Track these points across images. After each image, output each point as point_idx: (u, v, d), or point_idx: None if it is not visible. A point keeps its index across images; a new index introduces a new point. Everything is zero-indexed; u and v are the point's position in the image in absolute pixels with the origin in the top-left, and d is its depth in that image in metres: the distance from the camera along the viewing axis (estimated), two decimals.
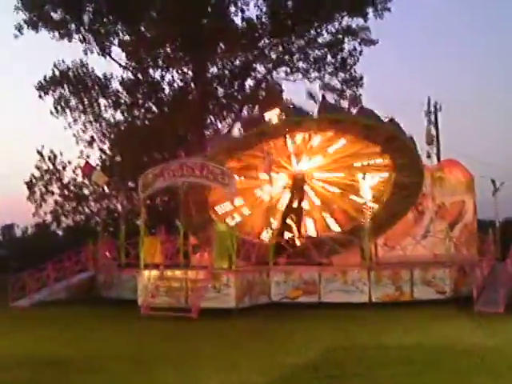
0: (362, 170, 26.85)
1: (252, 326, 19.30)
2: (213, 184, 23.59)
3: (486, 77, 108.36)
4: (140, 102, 43.19)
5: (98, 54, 42.13)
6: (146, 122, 43.03)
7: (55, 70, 42.00)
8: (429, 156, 30.11)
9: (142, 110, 43.41)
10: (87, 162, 33.43)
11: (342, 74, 44.10)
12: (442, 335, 16.71)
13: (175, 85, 43.57)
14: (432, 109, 47.44)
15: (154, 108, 43.33)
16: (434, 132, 44.57)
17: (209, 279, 21.76)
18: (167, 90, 43.51)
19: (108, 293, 26.48)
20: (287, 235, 27.69)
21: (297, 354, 14.08)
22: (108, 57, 42.39)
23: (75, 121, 42.53)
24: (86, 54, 41.91)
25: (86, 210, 42.40)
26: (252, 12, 54.85)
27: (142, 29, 42.23)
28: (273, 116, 25.79)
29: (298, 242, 27.90)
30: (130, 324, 19.94)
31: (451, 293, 23.64)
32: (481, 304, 21.55)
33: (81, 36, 41.54)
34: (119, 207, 38.24)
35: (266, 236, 27.42)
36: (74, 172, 42.12)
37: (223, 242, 22.52)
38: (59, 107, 42.07)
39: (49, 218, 42.69)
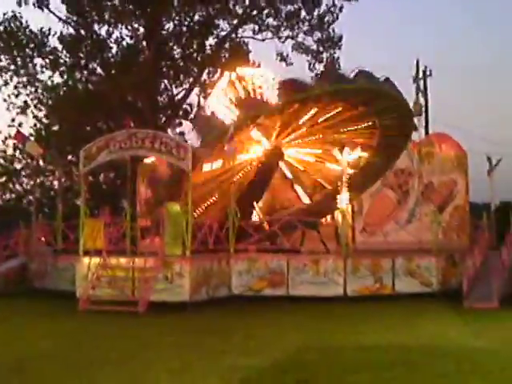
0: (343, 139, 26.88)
1: (209, 322, 19.12)
2: (166, 158, 23.33)
3: (482, 38, 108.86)
4: (82, 62, 42.77)
5: (34, 6, 41.46)
6: (90, 86, 42.68)
7: None
8: (416, 129, 29.98)
9: (85, 72, 43.03)
10: (18, 131, 32.93)
11: (318, 34, 44.03)
12: (427, 334, 16.72)
13: (124, 43, 43.41)
14: (420, 74, 47.41)
15: (99, 70, 42.97)
16: (422, 101, 44.63)
17: (159, 268, 21.48)
18: (114, 49, 43.32)
19: (42, 283, 26.07)
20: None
21: (261, 354, 13.94)
22: (45, 9, 41.72)
23: (6, 83, 42.13)
24: (19, 5, 41.22)
25: (18, 187, 41.99)
26: None
27: None
28: (224, 85, 25.87)
29: (265, 226, 27.78)
30: (67, 320, 19.61)
31: (438, 285, 23.74)
32: (472, 298, 21.66)
33: None
34: (56, 184, 37.89)
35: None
36: (3, 143, 41.75)
37: (176, 225, 22.29)
38: None
39: None
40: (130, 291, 21.66)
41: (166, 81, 43.54)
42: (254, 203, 28.44)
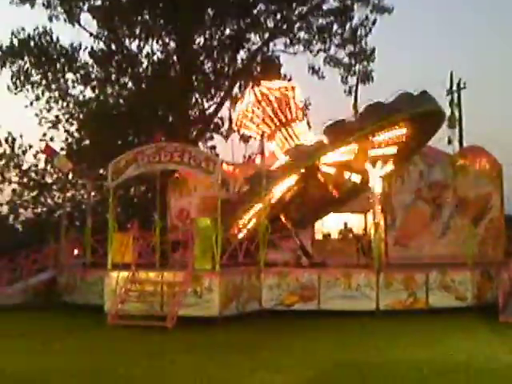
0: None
1: (239, 337, 18.78)
2: (195, 171, 23.16)
3: None
4: (113, 77, 42.75)
5: (65, 21, 41.93)
6: (121, 101, 42.64)
7: (14, 38, 41.51)
8: (450, 142, 29.59)
9: (116, 87, 42.95)
10: (47, 145, 33.00)
11: (350, 47, 43.76)
12: (461, 350, 16.27)
13: (155, 58, 43.25)
14: (454, 87, 47.06)
15: (130, 84, 42.94)
16: (456, 114, 44.23)
17: (188, 282, 21.19)
18: (145, 64, 43.17)
19: (71, 297, 25.97)
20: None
21: (292, 371, 13.71)
22: (76, 24, 42.04)
23: (37, 98, 42.11)
24: (50, 20, 41.69)
25: (49, 200, 41.97)
26: None
27: None
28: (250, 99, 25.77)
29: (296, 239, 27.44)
30: (94, 334, 19.45)
31: (473, 300, 23.21)
32: (508, 312, 21.19)
33: (44, 0, 41.11)
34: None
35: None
36: (35, 157, 41.72)
37: (206, 238, 22.03)
38: (18, 82, 41.58)
39: (5, 209, 42.37)
40: (158, 306, 21.37)
41: (196, 95, 43.32)
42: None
